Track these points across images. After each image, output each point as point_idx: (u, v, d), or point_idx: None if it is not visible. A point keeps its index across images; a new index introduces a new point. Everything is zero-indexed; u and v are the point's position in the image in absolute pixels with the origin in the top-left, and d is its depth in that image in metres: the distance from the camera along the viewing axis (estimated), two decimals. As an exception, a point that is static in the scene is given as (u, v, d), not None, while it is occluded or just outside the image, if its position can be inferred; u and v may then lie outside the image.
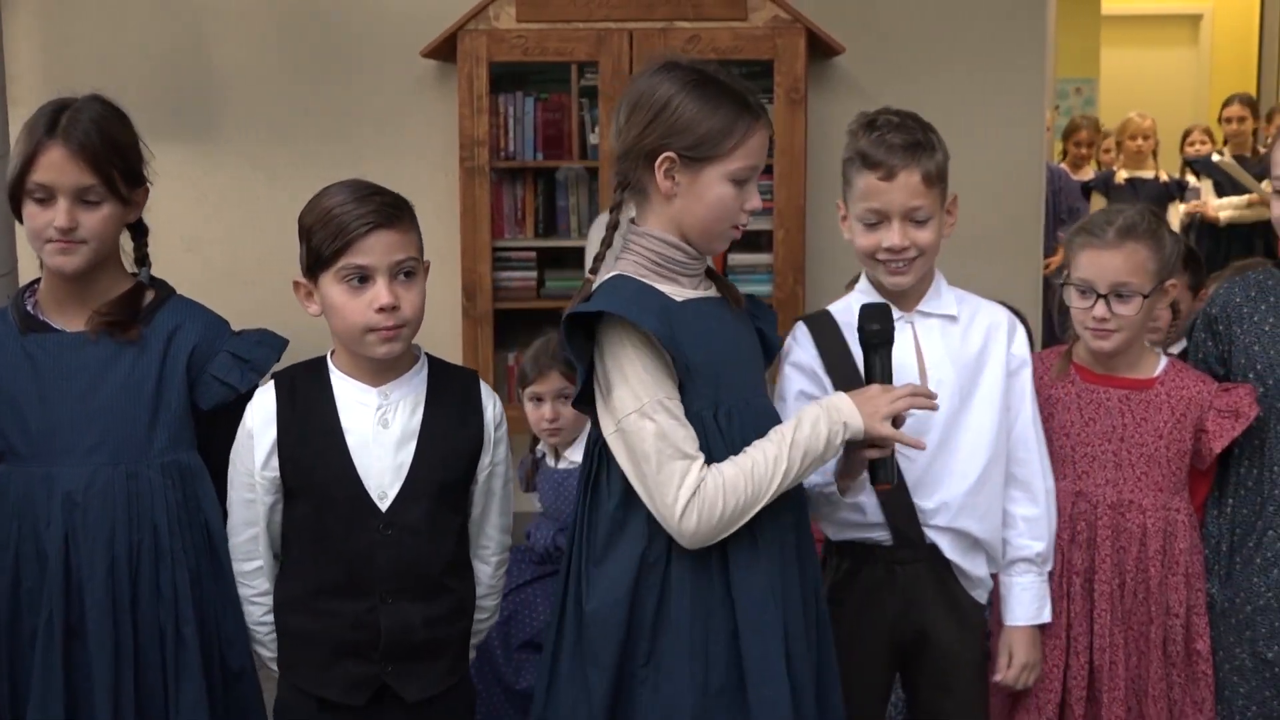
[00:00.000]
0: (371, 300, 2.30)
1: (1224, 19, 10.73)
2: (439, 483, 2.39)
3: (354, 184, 2.36)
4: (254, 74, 4.61)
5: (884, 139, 2.48)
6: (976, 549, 2.59)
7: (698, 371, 2.20)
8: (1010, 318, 2.65)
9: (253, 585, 2.48)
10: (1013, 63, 4.59)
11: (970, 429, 2.56)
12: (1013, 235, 4.60)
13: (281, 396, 2.40)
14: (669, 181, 2.22)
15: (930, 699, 2.65)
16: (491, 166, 4.34)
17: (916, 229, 2.49)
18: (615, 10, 4.24)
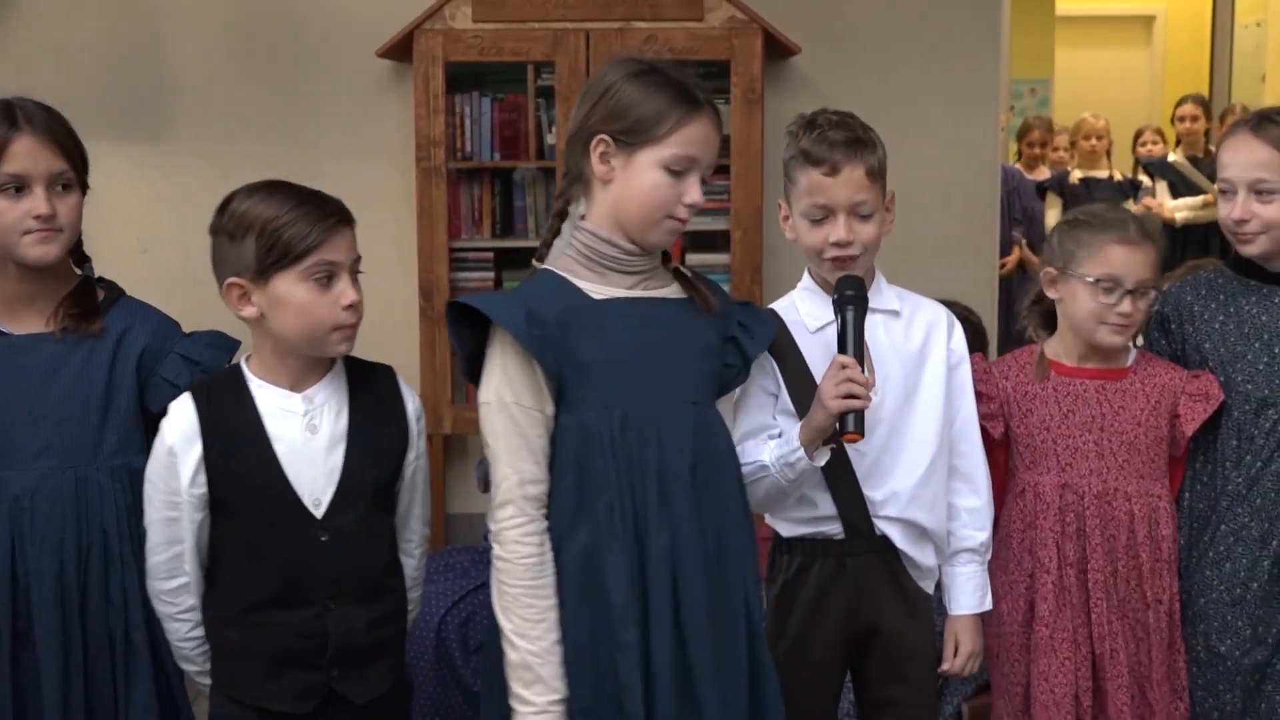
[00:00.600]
0: (337, 298, 2.28)
1: (1176, 20, 10.82)
2: (371, 484, 2.37)
3: (286, 184, 2.34)
4: (209, 74, 4.58)
5: (826, 136, 2.51)
6: (925, 539, 2.62)
7: (591, 372, 2.22)
8: (948, 314, 2.69)
9: (176, 603, 2.40)
10: (968, 63, 4.61)
11: (916, 422, 2.60)
12: (968, 235, 4.62)
13: (202, 410, 2.33)
14: (604, 166, 2.25)
15: (881, 688, 2.66)
16: (448, 167, 4.33)
17: (861, 223, 2.52)
18: (572, 10, 4.24)
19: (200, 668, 2.46)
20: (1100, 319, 2.69)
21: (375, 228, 4.45)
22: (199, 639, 2.43)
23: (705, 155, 2.26)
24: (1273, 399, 2.67)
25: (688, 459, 2.23)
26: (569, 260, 2.30)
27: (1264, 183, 2.64)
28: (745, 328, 2.38)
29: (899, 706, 2.64)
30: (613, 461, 2.21)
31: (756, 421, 2.55)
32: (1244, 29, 9.37)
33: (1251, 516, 2.67)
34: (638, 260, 2.30)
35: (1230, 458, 2.71)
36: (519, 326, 2.19)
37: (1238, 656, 2.67)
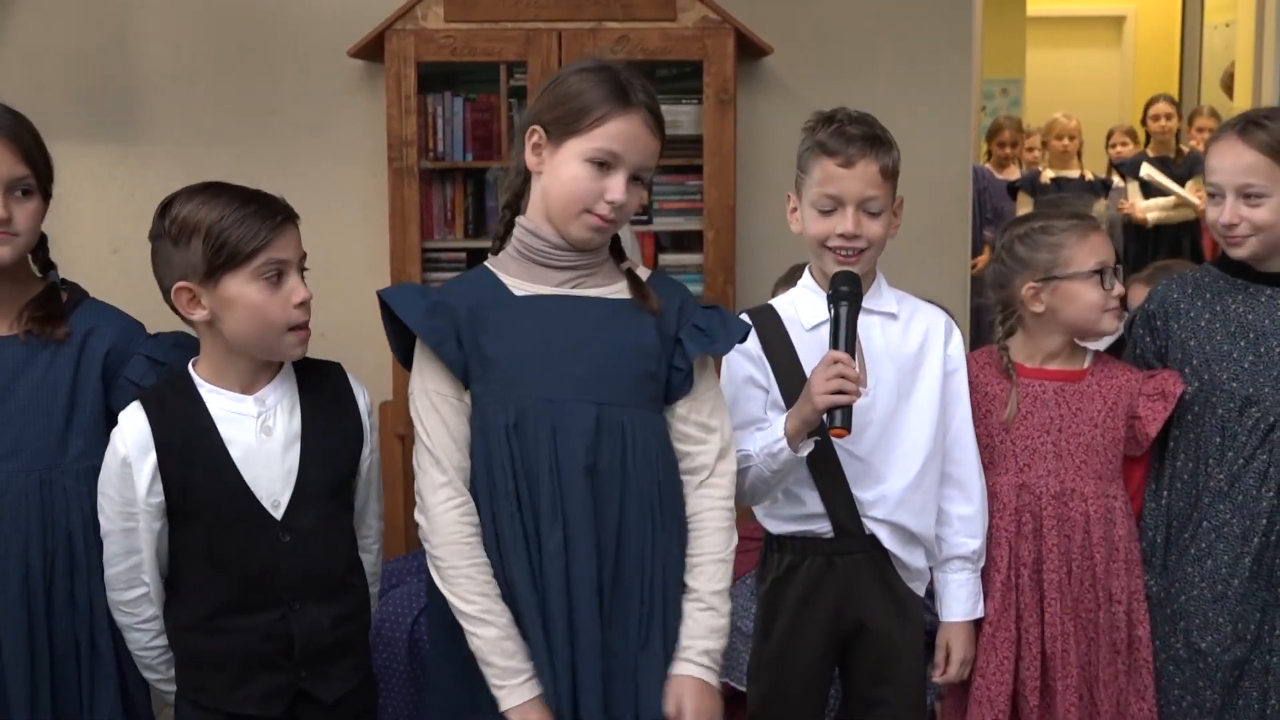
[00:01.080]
0: (289, 296, 2.27)
1: (1146, 20, 10.88)
2: (329, 482, 2.37)
3: (226, 185, 2.33)
4: (180, 74, 4.56)
5: (844, 130, 2.55)
6: (914, 542, 2.64)
7: (492, 366, 2.25)
8: (947, 320, 2.71)
9: (136, 613, 2.41)
10: (940, 63, 4.62)
11: (909, 425, 2.62)
12: (940, 235, 4.63)
13: (153, 418, 2.32)
14: (535, 157, 2.29)
15: (868, 687, 2.68)
16: (420, 167, 4.32)
17: (869, 219, 2.55)
18: (544, 10, 4.23)
19: (163, 676, 2.46)
20: (1104, 307, 2.73)
21: (347, 228, 4.47)
22: (161, 648, 2.43)
23: (631, 154, 2.26)
24: (1257, 397, 2.69)
25: (583, 459, 2.23)
26: (505, 256, 2.35)
27: (1251, 187, 2.66)
28: (701, 330, 2.36)
29: (887, 706, 2.66)
30: (508, 457, 2.23)
31: (746, 415, 2.58)
32: (1213, 29, 9.43)
33: (1233, 513, 2.69)
34: (567, 256, 2.31)
35: (1213, 455, 2.73)
36: (415, 317, 2.25)
37: (1218, 653, 2.69)
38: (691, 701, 2.25)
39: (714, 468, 2.36)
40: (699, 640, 2.29)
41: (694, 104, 4.40)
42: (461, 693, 2.31)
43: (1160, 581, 2.77)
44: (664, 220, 4.51)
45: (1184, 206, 7.22)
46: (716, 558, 2.33)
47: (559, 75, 2.34)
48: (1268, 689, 2.69)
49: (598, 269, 2.36)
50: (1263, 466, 2.68)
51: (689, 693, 2.26)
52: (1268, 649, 2.70)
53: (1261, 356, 2.70)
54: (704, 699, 2.27)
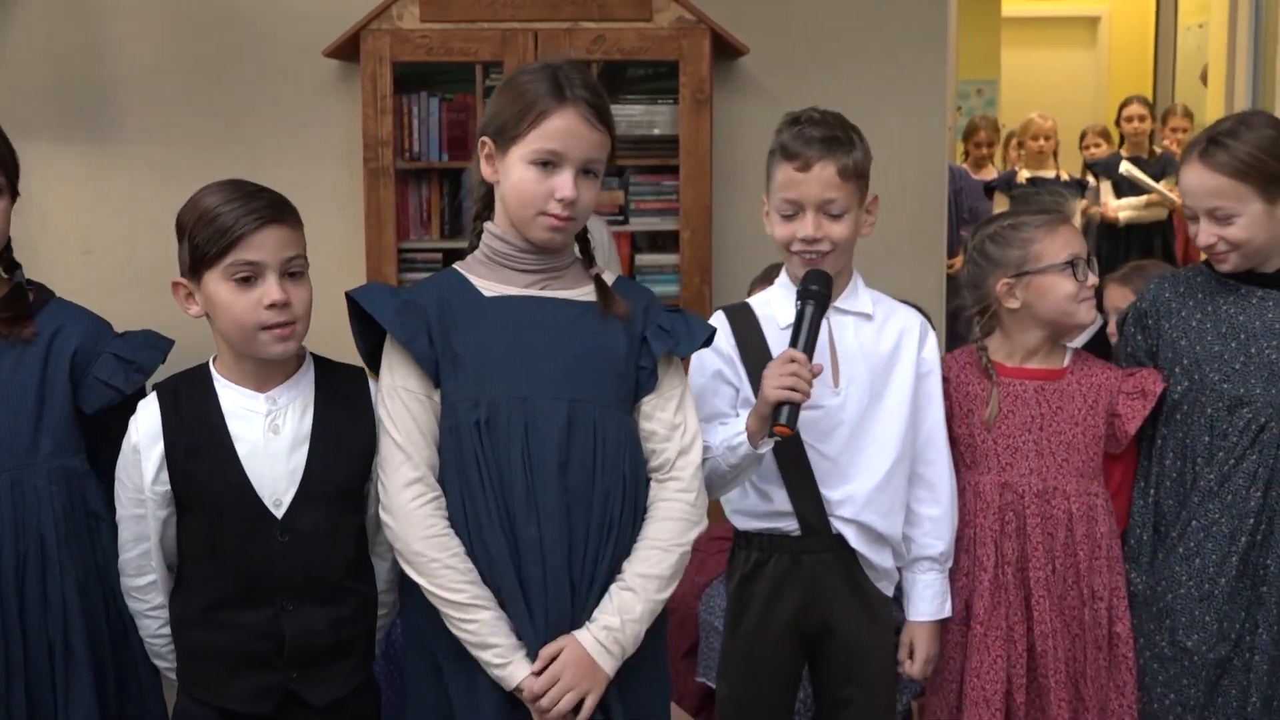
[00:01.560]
0: (261, 297, 2.27)
1: (1121, 21, 10.92)
2: (335, 485, 2.37)
3: (236, 182, 2.34)
4: (154, 74, 4.54)
5: (804, 133, 2.55)
6: (882, 542, 2.64)
7: (462, 364, 2.27)
8: (923, 322, 2.72)
9: (146, 600, 2.43)
10: (915, 64, 4.63)
11: (880, 426, 2.62)
12: (916, 235, 4.64)
13: (166, 408, 2.35)
14: (489, 168, 2.32)
15: (837, 687, 2.68)
16: (396, 167, 4.31)
17: (831, 222, 2.55)
18: (520, 10, 4.23)
19: (170, 664, 2.47)
20: (1078, 298, 2.74)
21: (322, 229, 4.42)
22: (168, 637, 2.44)
23: (573, 150, 2.27)
24: (1247, 398, 2.70)
25: (555, 456, 2.24)
26: (474, 259, 2.37)
27: (1220, 209, 2.67)
28: (665, 331, 2.37)
29: (855, 706, 2.66)
30: (480, 454, 2.24)
31: (712, 409, 2.59)
32: (1187, 30, 9.47)
33: (1222, 513, 2.70)
34: (533, 259, 2.34)
35: (1202, 454, 2.73)
36: (386, 314, 2.27)
37: (1204, 651, 2.69)
38: (561, 665, 2.22)
39: (675, 462, 2.36)
40: (607, 616, 2.26)
41: (670, 104, 4.40)
42: (439, 694, 2.33)
43: (1147, 580, 2.78)
44: (640, 220, 4.52)
45: (1156, 206, 7.25)
46: (655, 544, 2.32)
47: (501, 83, 2.36)
48: (1248, 687, 2.70)
49: (565, 271, 2.38)
50: (1252, 467, 2.68)
51: (569, 658, 2.23)
52: (1250, 648, 2.70)
53: (1252, 357, 2.71)
54: (583, 672, 2.24)
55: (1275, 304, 2.74)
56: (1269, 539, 2.69)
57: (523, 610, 2.23)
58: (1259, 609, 2.70)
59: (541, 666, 2.22)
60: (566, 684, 2.22)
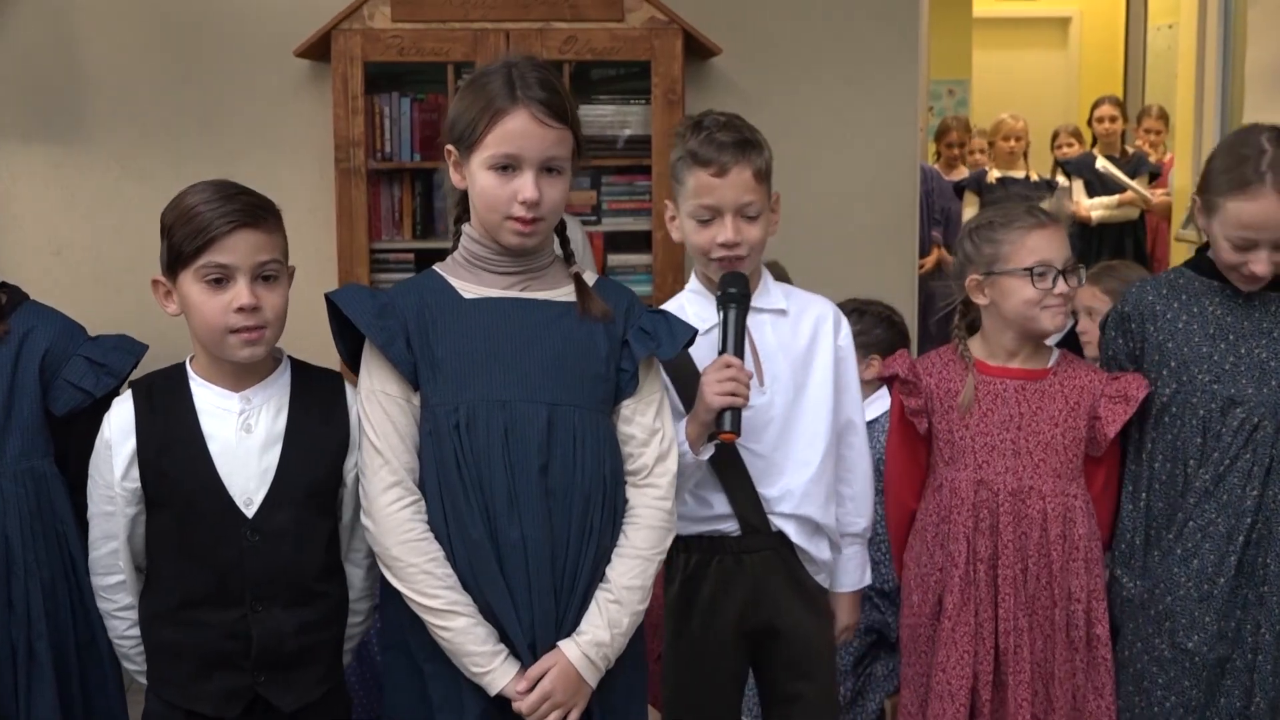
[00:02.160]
0: (231, 300, 2.26)
1: (1091, 22, 10.97)
2: (306, 486, 2.36)
3: (220, 183, 2.33)
4: (124, 73, 4.51)
5: (714, 138, 2.55)
6: (819, 533, 2.67)
7: (441, 365, 2.27)
8: (835, 310, 2.74)
9: (115, 599, 2.42)
10: (887, 64, 4.64)
11: (807, 418, 2.64)
12: (888, 235, 4.65)
13: (140, 405, 2.35)
14: (458, 175, 2.32)
15: (786, 683, 2.69)
16: (368, 168, 4.30)
17: (748, 225, 2.56)
18: (491, 10, 4.22)
19: (139, 666, 2.46)
20: (1040, 305, 2.73)
21: (294, 229, 4.37)
22: (136, 638, 2.43)
23: (529, 150, 2.26)
24: (1239, 398, 2.71)
25: (536, 458, 2.24)
26: (453, 261, 2.37)
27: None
28: (647, 333, 2.37)
29: (805, 701, 2.68)
30: (460, 457, 2.24)
31: None
32: (1157, 31, 9.51)
33: (1218, 513, 2.71)
34: (510, 261, 2.33)
35: (1194, 455, 2.74)
36: (364, 318, 2.26)
37: (1204, 652, 2.70)
38: (551, 683, 2.23)
39: (653, 468, 2.36)
40: (597, 629, 2.27)
41: (642, 104, 4.40)
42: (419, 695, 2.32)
43: (1143, 583, 2.78)
44: (612, 220, 4.52)
45: (1127, 206, 7.29)
46: (639, 553, 2.32)
47: (460, 88, 2.36)
48: (1252, 687, 2.71)
49: (544, 272, 2.37)
50: (1247, 466, 2.70)
51: (558, 675, 2.23)
52: (1251, 647, 2.72)
53: (1242, 358, 2.73)
54: (571, 688, 2.25)
55: (1262, 303, 2.75)
56: (1267, 538, 2.71)
57: (509, 612, 2.23)
58: (1260, 609, 2.71)
59: (529, 685, 2.23)
60: (555, 701, 2.23)
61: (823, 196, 4.57)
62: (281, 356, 2.43)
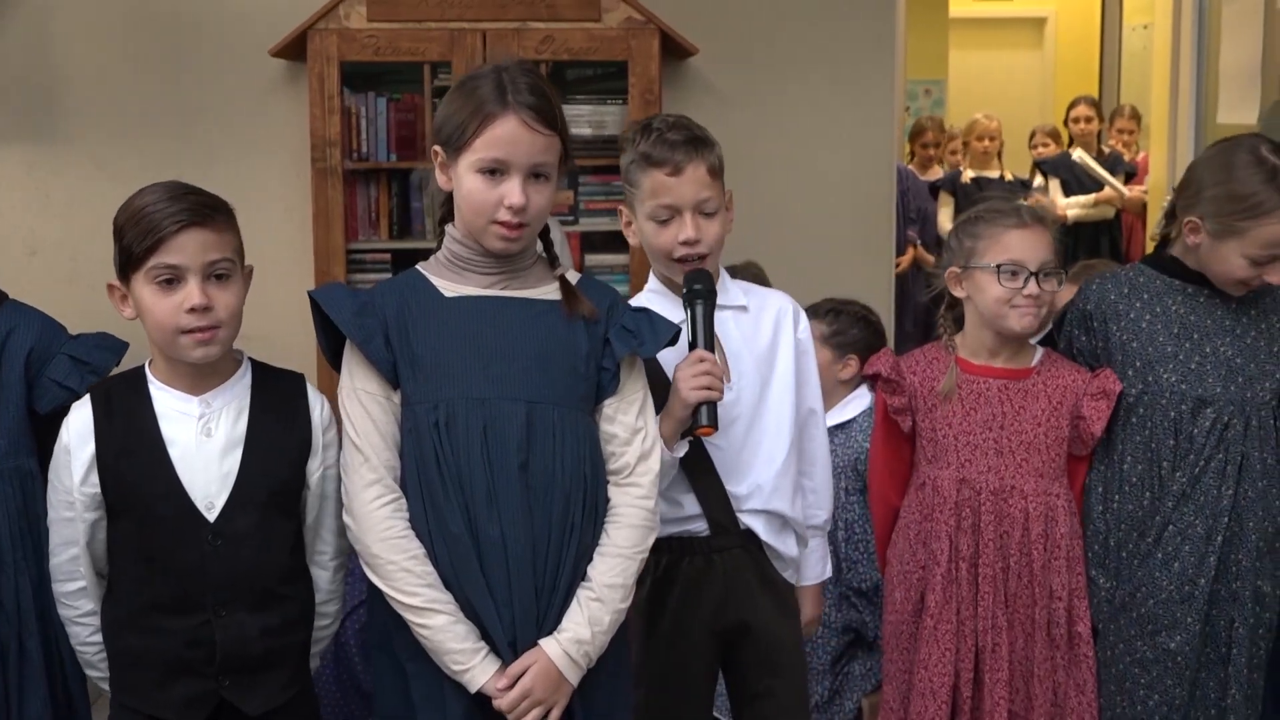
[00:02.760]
0: (182, 301, 2.25)
1: (1067, 22, 11.01)
2: (268, 489, 2.35)
3: (170, 184, 2.31)
4: (100, 73, 4.49)
5: (665, 138, 2.55)
6: (786, 528, 2.67)
7: (420, 363, 2.27)
8: (795, 304, 2.74)
9: (76, 606, 2.39)
10: (863, 64, 4.64)
11: (772, 413, 2.65)
12: (865, 235, 4.66)
13: (98, 409, 2.33)
14: (444, 176, 2.32)
15: (757, 680, 2.69)
16: (344, 168, 4.29)
17: (706, 221, 2.57)
18: (468, 10, 4.21)
19: (102, 674, 2.44)
20: (1009, 304, 2.73)
21: (270, 229, 4.43)
22: (99, 644, 2.41)
23: (518, 156, 2.27)
24: (1209, 397, 2.73)
25: (516, 457, 2.24)
26: (436, 260, 2.37)
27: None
28: (629, 332, 2.37)
29: (776, 698, 2.68)
30: (440, 455, 2.24)
31: None
32: (1132, 31, 9.54)
33: (1196, 515, 2.72)
34: (492, 262, 2.34)
35: (1168, 457, 2.75)
36: (344, 316, 2.27)
37: (1186, 652, 2.72)
38: (531, 680, 2.23)
39: (635, 467, 2.37)
40: (578, 627, 2.27)
41: (619, 104, 4.40)
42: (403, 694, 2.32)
43: (1123, 586, 2.79)
44: (590, 220, 4.52)
45: (1103, 204, 7.31)
46: (620, 551, 2.33)
47: (450, 89, 2.35)
48: (1227, 681, 2.73)
49: (527, 271, 2.37)
50: (1220, 466, 2.71)
51: (539, 673, 2.23)
52: (1225, 642, 2.74)
53: (1208, 357, 2.74)
54: (551, 686, 2.25)
55: (1223, 301, 2.77)
56: (1240, 534, 2.73)
57: (490, 609, 2.23)
58: (1233, 604, 2.73)
59: (509, 683, 2.22)
60: (536, 698, 2.23)
61: (800, 196, 4.58)
62: (242, 358, 2.42)
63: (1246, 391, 2.72)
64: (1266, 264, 2.68)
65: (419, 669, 2.28)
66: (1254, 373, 2.73)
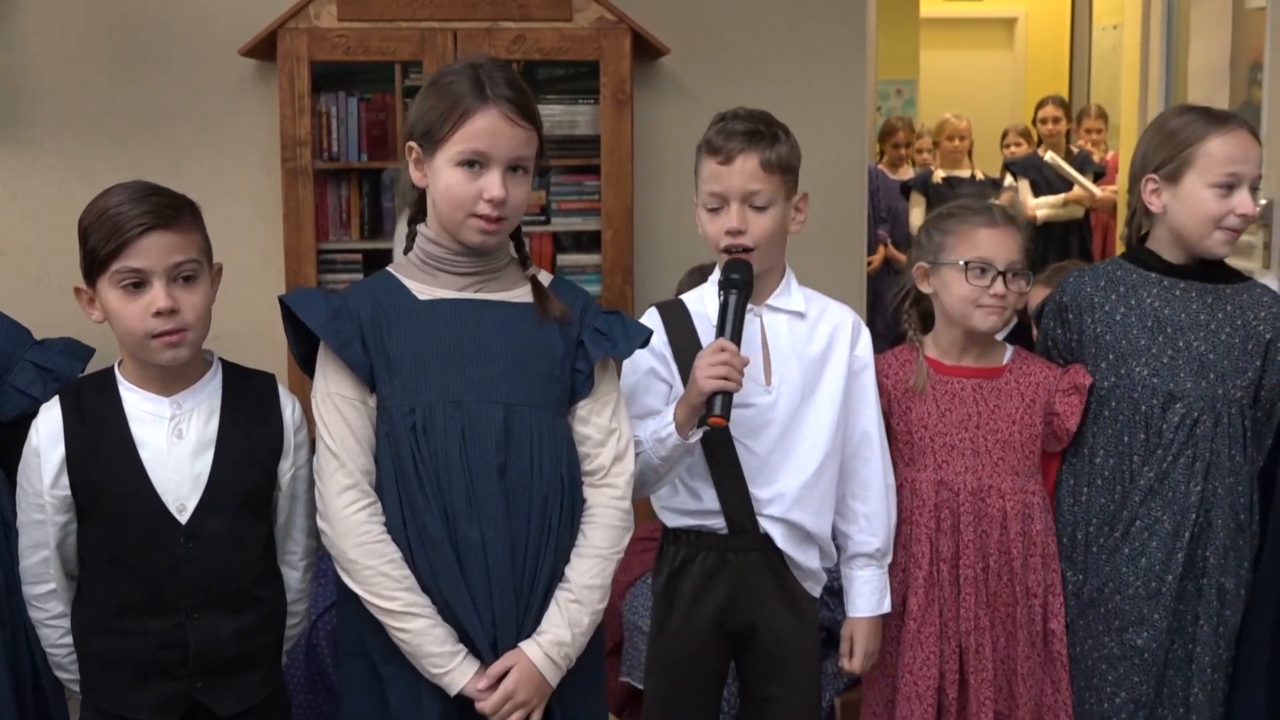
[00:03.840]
0: (148, 304, 2.24)
1: (1037, 22, 11.05)
2: (240, 491, 2.34)
3: (134, 185, 2.30)
4: (68, 72, 4.46)
5: (728, 127, 2.57)
6: (809, 541, 2.66)
7: (396, 367, 2.26)
8: (856, 320, 2.73)
9: (46, 608, 2.39)
10: (835, 64, 4.65)
11: (810, 424, 2.63)
12: (836, 234, 4.66)
13: (68, 411, 2.32)
14: (419, 172, 2.32)
15: (760, 684, 2.70)
16: (314, 167, 4.27)
17: (756, 214, 2.56)
18: (439, 10, 4.20)
19: (73, 676, 2.43)
20: (975, 302, 2.74)
21: (240, 230, 4.41)
22: (69, 647, 2.40)
23: (498, 149, 2.27)
24: (1179, 392, 2.73)
25: (494, 459, 2.24)
26: (407, 262, 2.36)
27: (1258, 179, 2.73)
28: (602, 334, 2.38)
29: (779, 704, 2.68)
30: (417, 458, 2.23)
31: (644, 406, 2.60)
32: (1102, 31, 9.59)
33: (1164, 510, 2.73)
34: (467, 261, 2.33)
35: (1139, 451, 2.76)
36: (319, 321, 2.25)
37: (1154, 649, 2.72)
38: (513, 682, 2.24)
39: (610, 469, 2.37)
40: (558, 629, 2.28)
41: (591, 104, 4.39)
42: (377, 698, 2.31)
43: (1092, 581, 2.79)
44: (562, 220, 4.50)
45: (1072, 204, 7.34)
46: (598, 552, 2.34)
47: (425, 85, 2.35)
48: (1190, 678, 2.74)
49: (500, 273, 2.37)
50: (1189, 462, 2.72)
51: (520, 674, 2.24)
52: (1191, 639, 2.74)
53: (1180, 351, 2.75)
54: (533, 688, 2.26)
55: (1198, 296, 2.78)
56: (1207, 530, 2.74)
57: (470, 611, 2.23)
58: (1199, 601, 2.74)
59: (490, 684, 2.23)
60: (519, 700, 2.24)
61: (771, 196, 4.57)
62: (212, 359, 2.41)
63: (1218, 388, 2.73)
64: (1232, 191, 2.70)
65: (395, 672, 2.27)
66: (1226, 369, 2.74)
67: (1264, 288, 2.87)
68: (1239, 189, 2.70)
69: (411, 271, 2.35)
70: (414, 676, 2.26)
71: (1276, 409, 2.83)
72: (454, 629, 2.24)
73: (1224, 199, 2.71)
